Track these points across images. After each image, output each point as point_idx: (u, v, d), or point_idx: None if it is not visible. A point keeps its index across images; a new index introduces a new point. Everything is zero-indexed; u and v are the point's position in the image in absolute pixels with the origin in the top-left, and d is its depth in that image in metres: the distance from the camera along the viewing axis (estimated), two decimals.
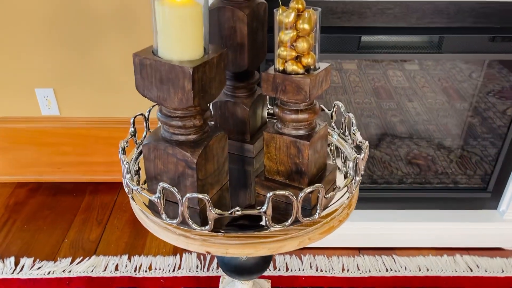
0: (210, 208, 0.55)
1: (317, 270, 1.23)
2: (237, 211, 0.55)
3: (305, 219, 0.58)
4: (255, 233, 0.59)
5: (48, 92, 1.45)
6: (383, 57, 1.18)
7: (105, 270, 1.23)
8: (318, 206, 0.58)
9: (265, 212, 0.55)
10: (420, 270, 1.23)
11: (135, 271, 1.23)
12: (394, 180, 1.64)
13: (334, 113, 0.80)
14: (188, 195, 0.55)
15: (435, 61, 2.75)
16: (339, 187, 0.60)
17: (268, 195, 0.54)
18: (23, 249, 1.29)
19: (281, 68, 0.59)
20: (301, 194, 0.56)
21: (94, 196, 1.52)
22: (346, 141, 0.79)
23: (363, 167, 0.66)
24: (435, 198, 1.38)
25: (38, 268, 1.23)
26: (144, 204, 0.64)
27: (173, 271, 1.22)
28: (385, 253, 1.30)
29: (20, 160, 1.56)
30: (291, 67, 0.57)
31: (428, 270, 1.23)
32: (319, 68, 0.59)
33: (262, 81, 0.60)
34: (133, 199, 0.64)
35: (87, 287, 1.17)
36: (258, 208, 0.55)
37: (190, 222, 0.57)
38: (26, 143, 1.53)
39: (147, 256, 1.28)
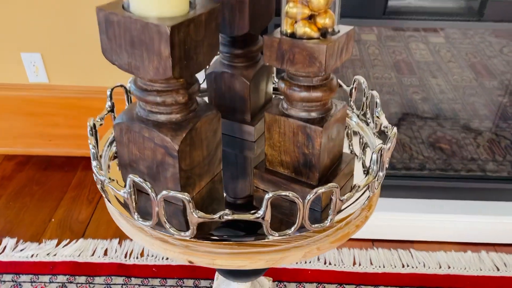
0: (192, 211, 0.43)
1: (325, 264, 1.13)
2: (226, 215, 0.43)
3: (313, 226, 0.46)
4: (250, 241, 0.47)
5: (35, 57, 1.33)
6: (412, 25, 1.03)
7: (93, 254, 1.14)
8: (330, 211, 0.46)
9: (262, 218, 0.43)
10: (440, 267, 1.12)
11: (125, 257, 1.13)
12: (414, 165, 1.51)
13: (354, 90, 0.67)
14: (163, 193, 0.43)
15: (463, 34, 2.54)
16: (358, 187, 0.47)
17: (266, 196, 0.42)
18: (6, 229, 1.21)
19: (289, 30, 0.46)
20: (310, 197, 0.44)
21: (87, 172, 1.42)
22: (367, 124, 0.66)
23: (388, 159, 0.54)
24: (460, 188, 1.25)
25: (21, 250, 1.14)
26: (117, 198, 0.53)
27: (167, 259, 1.13)
28: (402, 246, 1.18)
29: (7, 130, 1.46)
30: (303, 29, 0.44)
31: (449, 267, 1.12)
32: (338, 32, 0.46)
33: (264, 47, 0.47)
34: (103, 191, 0.53)
35: (72, 273, 1.08)
36: (253, 212, 0.44)
37: (168, 226, 0.45)
38: (13, 113, 1.43)
39: None
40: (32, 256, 1.13)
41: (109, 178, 0.49)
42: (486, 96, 1.91)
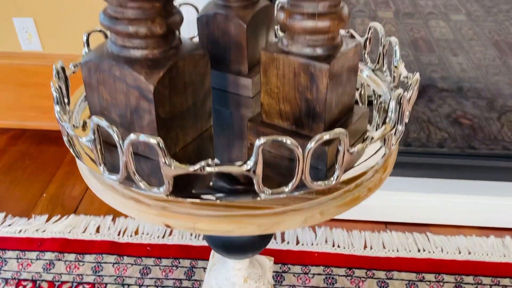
0: (165, 160, 0.35)
1: (333, 246, 1.05)
2: (208, 165, 0.36)
3: (315, 183, 0.38)
4: (240, 200, 0.40)
5: (28, 22, 1.26)
6: None
7: (84, 231, 1.07)
8: (337, 165, 0.38)
9: (252, 171, 0.35)
10: (460, 252, 1.03)
11: (118, 234, 1.07)
12: (433, 143, 1.42)
13: (368, 41, 0.58)
14: (131, 137, 0.35)
15: (487, 11, 2.41)
16: (372, 138, 0.39)
17: (257, 143, 0.34)
18: None
19: None
20: (311, 145, 0.35)
21: None
22: (383, 80, 0.57)
23: (408, 112, 0.45)
24: (482, 167, 1.15)
25: (9, 225, 1.09)
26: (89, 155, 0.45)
27: (163, 237, 1.06)
28: (418, 229, 1.10)
29: (0, 102, 1.40)
30: None
31: (470, 253, 1.03)
32: None
33: None
34: (70, 143, 0.45)
35: (61, 250, 1.02)
36: (241, 163, 0.36)
37: (137, 179, 0.37)
38: (6, 83, 1.36)
39: (134, 219, 1.11)
40: (20, 231, 1.07)
41: (73, 125, 0.42)
42: (510, 75, 1.80)
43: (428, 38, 2.12)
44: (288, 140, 0.35)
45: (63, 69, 0.48)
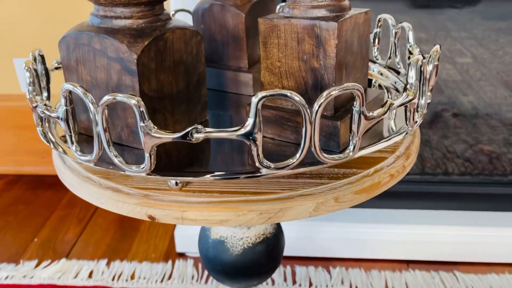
0: (144, 124, 0.30)
1: (350, 287, 0.95)
2: (197, 131, 0.30)
3: (326, 156, 0.32)
4: (236, 180, 0.33)
5: None
6: None
7: (76, 277, 0.99)
8: (352, 134, 0.32)
9: (250, 136, 0.29)
10: None
11: (113, 279, 0.98)
12: (454, 170, 1.34)
13: (377, 35, 0.54)
14: (106, 99, 0.30)
15: (492, 54, 2.43)
16: (392, 104, 0.33)
17: (254, 99, 0.29)
18: None
19: None
20: (319, 102, 0.30)
21: None
22: (398, 73, 0.52)
23: (430, 91, 0.40)
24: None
25: None
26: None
27: (161, 281, 0.97)
28: (444, 268, 1.00)
29: None
30: None
31: None
32: None
33: None
34: (44, 133, 0.40)
35: None
36: (236, 128, 0.30)
37: (112, 154, 0.31)
38: (3, 126, 1.33)
39: (130, 262, 1.03)
40: (6, 278, 0.99)
41: (45, 105, 0.36)
42: None
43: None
44: (294, 96, 0.29)
45: (42, 57, 0.44)
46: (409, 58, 0.49)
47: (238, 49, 0.51)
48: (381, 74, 0.54)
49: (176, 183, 0.34)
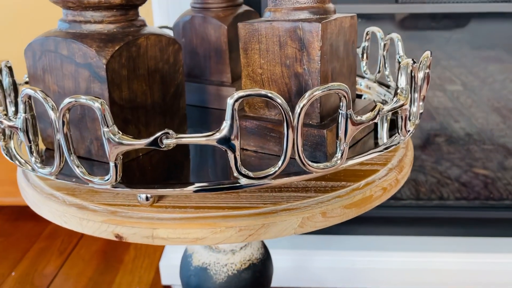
0: (109, 129, 0.27)
1: None
2: (167, 137, 0.27)
3: (312, 165, 0.29)
4: (213, 194, 0.30)
5: None
6: (431, 9, 0.91)
7: None
8: (339, 140, 0.29)
9: (227, 141, 0.27)
10: None
11: None
12: (449, 195, 1.32)
13: (366, 50, 0.53)
14: (67, 101, 0.27)
15: (482, 81, 2.45)
16: (382, 109, 0.31)
17: (230, 101, 0.26)
18: None
19: None
20: (302, 103, 0.27)
21: None
22: (388, 87, 0.50)
23: (422, 101, 0.37)
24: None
25: None
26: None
27: None
28: None
29: None
30: None
31: None
32: None
33: None
34: (7, 151, 0.37)
35: None
36: (210, 132, 0.27)
37: (74, 164, 0.28)
38: None
39: None
40: None
41: (5, 114, 0.34)
42: None
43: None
44: (275, 96, 0.27)
45: (9, 68, 0.41)
46: (399, 69, 0.47)
47: (221, 63, 0.49)
48: (370, 88, 0.52)
49: (147, 198, 0.31)
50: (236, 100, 0.26)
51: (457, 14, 1.01)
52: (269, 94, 0.26)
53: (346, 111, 0.28)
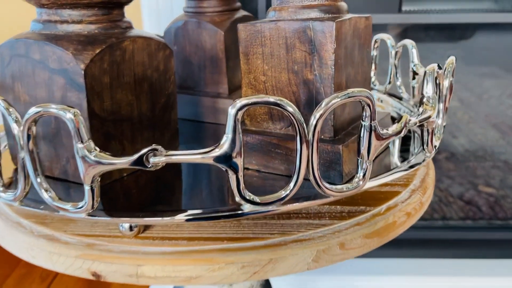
0: (81, 146, 0.22)
1: None
2: (155, 153, 0.22)
3: (331, 187, 0.24)
4: (210, 222, 0.25)
5: None
6: (436, 20, 0.87)
7: None
8: (362, 162, 0.25)
9: (227, 159, 0.22)
10: None
11: None
12: (454, 214, 1.28)
13: (374, 59, 0.49)
14: (33, 111, 0.22)
15: (478, 97, 2.44)
16: (409, 120, 0.26)
17: (231, 110, 0.22)
18: None
19: None
20: (317, 115, 0.23)
21: None
22: (400, 99, 0.46)
23: (446, 110, 0.33)
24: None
25: None
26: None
27: None
28: None
29: None
30: None
31: None
32: None
33: None
34: None
35: None
36: (208, 149, 0.22)
37: (41, 187, 0.23)
38: None
39: None
40: None
41: None
42: None
43: None
44: (286, 105, 0.22)
45: None
46: (413, 78, 0.43)
47: (217, 73, 0.45)
48: (382, 101, 0.48)
49: (131, 228, 0.26)
50: (240, 109, 0.22)
51: (451, 28, 0.98)
52: (279, 102, 0.22)
53: (371, 122, 0.24)
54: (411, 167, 0.29)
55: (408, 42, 0.43)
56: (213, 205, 0.29)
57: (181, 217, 0.24)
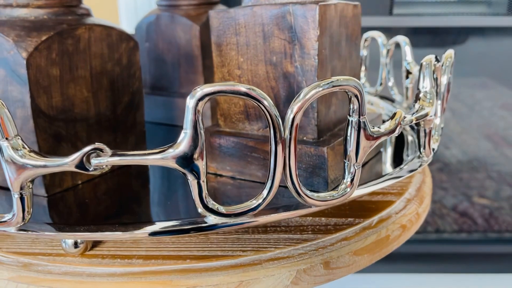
0: (6, 145, 0.18)
1: None
2: (97, 153, 0.18)
3: (312, 195, 0.20)
4: (170, 237, 0.21)
5: None
6: (427, 23, 0.85)
7: None
8: (350, 165, 0.21)
9: (185, 162, 0.18)
10: None
11: None
12: (448, 227, 1.25)
13: (363, 59, 0.45)
14: None
15: (470, 108, 2.44)
16: (404, 117, 0.23)
17: (190, 101, 0.18)
18: None
19: None
20: (294, 108, 0.19)
21: None
22: (392, 101, 0.43)
23: (445, 107, 0.30)
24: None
25: None
26: None
27: None
28: None
29: None
30: None
31: None
32: None
33: None
34: None
35: None
36: (162, 148, 0.19)
37: None
38: None
39: None
40: None
41: None
42: (510, 166, 1.71)
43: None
44: (256, 93, 0.18)
45: None
46: (407, 77, 0.39)
47: (192, 72, 0.41)
48: (372, 104, 0.44)
49: (76, 244, 0.22)
50: (200, 99, 0.18)
51: (443, 33, 0.96)
52: (251, 91, 0.18)
53: (359, 117, 0.20)
54: (410, 171, 0.26)
55: (401, 38, 0.40)
56: (179, 216, 0.25)
57: (134, 230, 0.20)
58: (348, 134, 0.21)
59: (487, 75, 1.33)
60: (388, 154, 0.34)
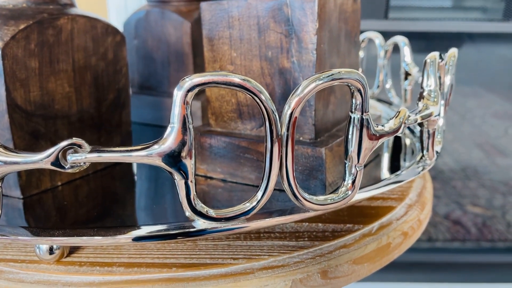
0: None
1: None
2: (75, 149, 0.17)
3: (311, 198, 0.19)
4: (153, 242, 0.20)
5: None
6: (423, 27, 0.84)
7: None
8: (351, 166, 0.19)
9: (171, 159, 0.17)
10: None
11: None
12: (440, 235, 1.24)
13: (361, 61, 0.44)
14: None
15: (461, 116, 2.45)
16: (408, 116, 0.21)
17: (178, 93, 0.16)
18: None
19: None
20: (291, 104, 0.17)
21: None
22: (389, 104, 0.42)
23: (443, 116, 0.29)
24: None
25: None
26: None
27: None
28: None
29: None
30: None
31: None
32: None
33: None
34: None
35: None
36: (147, 144, 0.17)
37: None
38: None
39: None
40: None
41: None
42: (502, 174, 1.71)
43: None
44: (252, 85, 0.17)
45: None
46: (406, 79, 0.38)
47: (183, 70, 0.39)
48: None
49: (51, 250, 0.20)
50: (189, 90, 0.16)
51: (438, 38, 0.95)
52: (245, 83, 0.17)
53: (362, 114, 0.19)
54: (412, 175, 0.24)
55: (400, 39, 0.39)
56: (166, 220, 0.23)
57: (114, 235, 0.19)
58: (350, 132, 0.19)
59: (478, 84, 1.33)
60: (385, 158, 0.32)
